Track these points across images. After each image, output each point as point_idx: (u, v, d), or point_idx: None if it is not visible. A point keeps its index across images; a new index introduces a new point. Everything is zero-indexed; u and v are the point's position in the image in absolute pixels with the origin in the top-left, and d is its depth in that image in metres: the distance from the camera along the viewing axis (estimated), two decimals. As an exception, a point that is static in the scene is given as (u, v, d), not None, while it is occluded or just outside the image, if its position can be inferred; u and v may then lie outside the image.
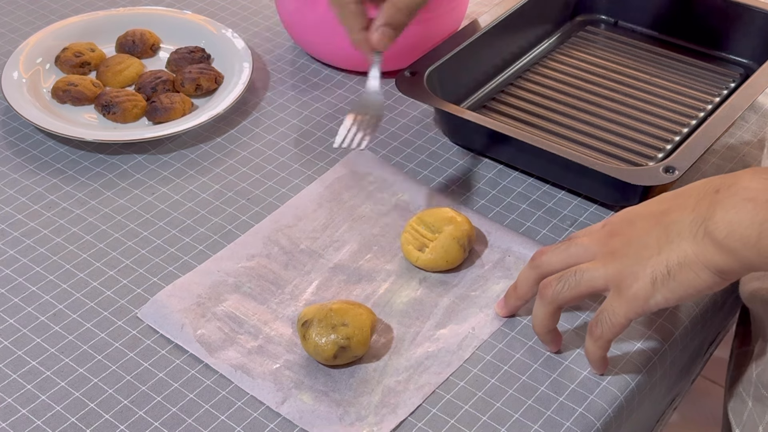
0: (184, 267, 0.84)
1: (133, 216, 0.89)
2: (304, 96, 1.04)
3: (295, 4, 1.04)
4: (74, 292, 0.82)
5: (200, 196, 0.92)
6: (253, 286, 0.82)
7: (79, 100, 1.00)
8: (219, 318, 0.79)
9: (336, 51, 1.05)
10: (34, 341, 0.78)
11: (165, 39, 1.09)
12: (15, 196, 0.91)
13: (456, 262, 0.83)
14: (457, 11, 1.06)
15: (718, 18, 1.08)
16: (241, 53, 1.05)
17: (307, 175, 0.94)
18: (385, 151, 0.96)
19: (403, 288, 0.82)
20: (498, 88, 1.04)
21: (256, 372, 0.75)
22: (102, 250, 0.86)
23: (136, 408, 0.73)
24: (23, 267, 0.84)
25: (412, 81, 0.95)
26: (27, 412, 0.73)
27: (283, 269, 0.84)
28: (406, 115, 1.01)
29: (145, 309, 0.80)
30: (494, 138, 0.92)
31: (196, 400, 0.74)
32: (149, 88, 1.01)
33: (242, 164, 0.95)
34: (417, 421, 0.72)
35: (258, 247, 0.85)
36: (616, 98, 1.02)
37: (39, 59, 1.05)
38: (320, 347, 0.74)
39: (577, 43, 1.11)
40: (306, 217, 0.88)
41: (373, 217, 0.88)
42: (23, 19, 1.15)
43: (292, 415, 0.72)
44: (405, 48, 1.03)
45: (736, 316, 0.89)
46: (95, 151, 0.96)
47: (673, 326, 0.79)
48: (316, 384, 0.74)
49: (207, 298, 0.81)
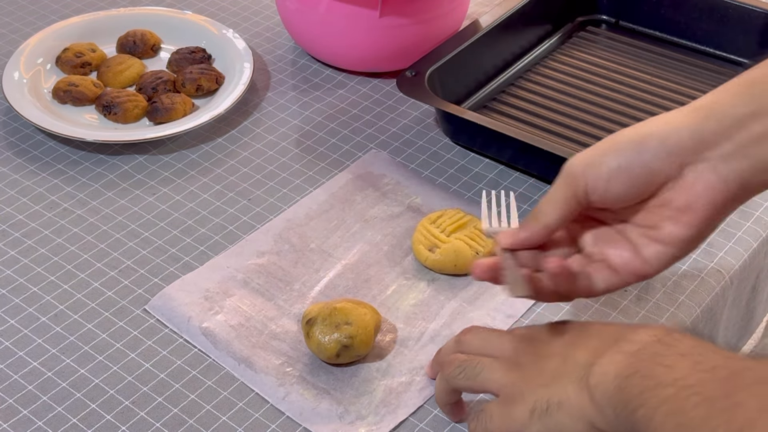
0: (185, 267, 0.84)
1: (134, 216, 0.89)
2: (305, 96, 1.04)
3: (295, 4, 1.04)
4: (75, 293, 0.82)
5: (201, 196, 0.92)
6: (262, 282, 0.82)
7: (80, 101, 1.00)
8: (225, 312, 0.79)
9: (337, 51, 1.05)
10: (35, 342, 0.78)
11: (166, 39, 1.09)
12: (16, 197, 0.91)
13: (465, 268, 0.82)
14: (458, 12, 1.06)
15: (719, 18, 1.08)
16: (241, 53, 1.05)
17: (308, 175, 0.94)
18: (386, 151, 0.96)
19: (411, 289, 0.82)
20: (499, 88, 1.04)
21: (259, 366, 0.75)
22: (103, 251, 0.86)
23: (138, 409, 0.73)
24: (24, 268, 0.84)
25: (414, 81, 0.95)
26: (28, 412, 0.73)
27: (293, 267, 0.84)
28: (408, 116, 1.01)
29: (153, 302, 0.81)
30: (495, 138, 0.92)
31: (198, 400, 0.74)
32: (150, 88, 1.01)
33: (243, 165, 0.95)
34: (418, 422, 0.72)
35: (269, 244, 0.86)
36: (617, 98, 1.02)
37: (40, 59, 1.05)
38: (323, 345, 0.74)
39: (578, 43, 1.11)
40: (318, 217, 0.88)
41: (385, 219, 0.88)
42: (24, 20, 1.15)
43: (293, 411, 0.72)
44: (406, 48, 1.03)
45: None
46: (96, 152, 0.96)
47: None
48: (318, 382, 0.74)
49: (215, 292, 0.81)
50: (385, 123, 1.00)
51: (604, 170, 0.64)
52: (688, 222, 0.64)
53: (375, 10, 1.00)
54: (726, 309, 0.86)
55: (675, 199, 0.64)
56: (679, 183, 0.63)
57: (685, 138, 0.63)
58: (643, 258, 0.66)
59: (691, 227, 0.64)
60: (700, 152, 0.63)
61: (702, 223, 0.64)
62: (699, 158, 0.63)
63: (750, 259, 0.87)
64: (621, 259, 0.66)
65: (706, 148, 0.63)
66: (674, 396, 0.54)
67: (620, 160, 0.64)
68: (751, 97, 0.63)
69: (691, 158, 0.63)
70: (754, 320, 0.95)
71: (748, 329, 0.95)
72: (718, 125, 0.63)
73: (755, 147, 0.62)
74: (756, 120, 0.62)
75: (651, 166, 0.64)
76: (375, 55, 1.04)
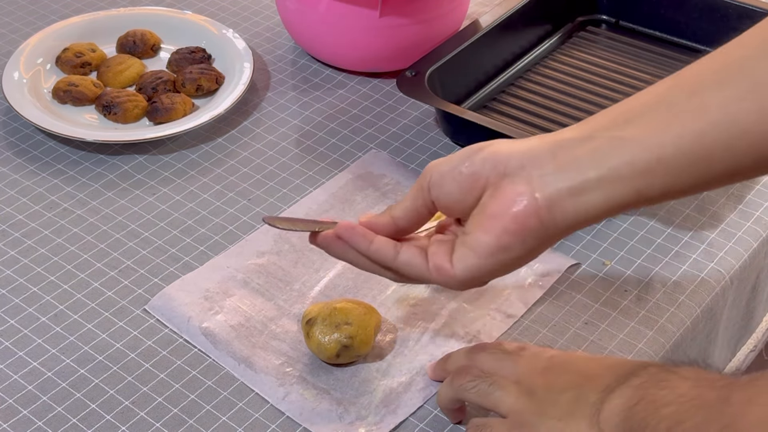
0: (185, 267, 0.84)
1: (134, 216, 0.89)
2: (305, 96, 1.04)
3: (295, 4, 1.04)
4: (75, 293, 0.82)
5: (201, 196, 0.92)
6: (262, 282, 0.82)
7: (80, 101, 1.00)
8: (225, 312, 0.79)
9: (337, 51, 1.05)
10: (35, 342, 0.78)
11: (166, 39, 1.09)
12: (16, 197, 0.91)
13: None
14: (458, 11, 1.06)
15: (719, 18, 1.08)
16: (241, 53, 1.05)
17: (308, 175, 0.94)
18: (386, 151, 0.96)
19: (411, 289, 0.82)
20: (499, 88, 1.04)
21: (259, 366, 0.75)
22: (103, 251, 0.86)
23: (138, 409, 0.73)
24: (24, 268, 0.84)
25: (414, 81, 0.95)
26: (28, 413, 0.73)
27: (293, 267, 0.84)
28: (408, 116, 1.01)
29: (153, 302, 0.81)
30: (495, 138, 0.92)
31: (198, 401, 0.74)
32: (150, 88, 1.01)
33: (243, 165, 0.95)
34: (418, 422, 0.72)
35: (269, 244, 0.86)
36: (617, 98, 1.02)
37: (40, 59, 1.05)
38: (323, 345, 0.74)
39: (578, 43, 1.11)
40: (318, 217, 0.88)
41: None
42: (24, 20, 1.15)
43: (293, 411, 0.72)
44: (406, 48, 1.03)
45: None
46: (96, 152, 0.96)
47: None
48: (318, 382, 0.74)
49: (215, 292, 0.81)
50: (385, 123, 1.00)
51: (442, 168, 0.66)
52: (490, 228, 0.64)
53: (375, 10, 1.00)
54: (726, 309, 0.86)
55: (488, 206, 0.64)
56: (497, 191, 0.64)
57: (516, 154, 0.64)
58: (451, 259, 0.66)
59: (490, 234, 0.64)
60: (524, 167, 0.64)
61: (502, 233, 0.63)
62: (521, 172, 0.64)
63: (750, 259, 0.87)
64: (436, 255, 0.67)
65: (532, 166, 0.64)
66: (675, 412, 0.55)
67: (455, 161, 0.66)
68: (586, 123, 0.65)
69: (513, 171, 0.64)
70: (754, 320, 0.95)
71: (748, 329, 0.95)
72: (549, 146, 0.64)
73: (572, 169, 0.62)
74: (583, 143, 0.63)
75: (475, 170, 0.65)
76: (375, 55, 1.04)
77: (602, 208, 0.62)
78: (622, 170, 0.61)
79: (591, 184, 0.62)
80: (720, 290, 0.83)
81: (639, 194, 0.62)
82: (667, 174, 0.61)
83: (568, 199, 0.62)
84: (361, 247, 0.68)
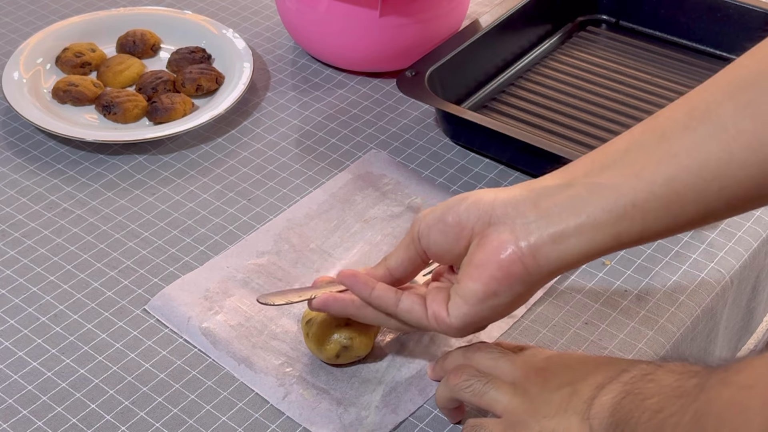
0: (185, 267, 0.84)
1: (134, 216, 0.89)
2: (305, 96, 1.04)
3: (295, 4, 1.04)
4: (75, 293, 0.82)
5: (201, 196, 0.92)
6: (262, 282, 0.82)
7: (80, 101, 1.00)
8: (225, 312, 0.79)
9: (336, 51, 1.05)
10: (35, 342, 0.78)
11: (165, 39, 1.09)
12: (15, 197, 0.91)
13: None
14: (458, 12, 1.06)
15: (719, 18, 1.08)
16: (241, 53, 1.05)
17: (308, 175, 0.94)
18: (386, 151, 0.96)
19: None
20: (499, 88, 1.04)
21: (259, 366, 0.75)
22: (103, 251, 0.86)
23: (137, 409, 0.73)
24: (24, 268, 0.84)
25: (414, 81, 0.95)
26: (28, 413, 0.73)
27: (293, 267, 0.84)
28: (408, 116, 1.01)
29: (153, 302, 0.80)
30: (495, 138, 0.92)
31: (198, 401, 0.74)
32: (150, 88, 1.01)
33: (243, 165, 0.95)
34: (418, 422, 0.72)
35: (269, 245, 0.86)
36: (617, 98, 1.02)
37: (39, 59, 1.05)
38: (323, 346, 0.74)
39: (578, 43, 1.11)
40: (318, 217, 0.88)
41: (385, 219, 0.88)
42: (23, 20, 1.15)
43: (293, 411, 0.72)
44: (406, 48, 1.03)
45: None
46: (96, 152, 0.96)
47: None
48: (317, 382, 0.74)
49: (215, 292, 0.81)
50: (385, 123, 1.00)
51: (429, 219, 0.68)
52: (478, 277, 0.65)
53: (375, 10, 1.00)
54: (726, 309, 0.86)
55: (475, 255, 0.66)
56: (483, 240, 0.66)
57: (499, 203, 0.66)
58: (447, 307, 0.68)
59: (478, 282, 0.65)
60: (508, 215, 0.65)
61: (490, 280, 0.65)
62: (505, 221, 0.65)
63: (750, 259, 0.87)
64: (434, 302, 0.68)
65: (515, 214, 0.65)
66: (656, 402, 0.56)
67: (440, 212, 0.67)
68: (566, 169, 0.66)
69: (498, 219, 0.65)
70: (754, 320, 0.95)
71: (748, 329, 0.95)
72: (531, 194, 0.65)
73: (553, 217, 0.63)
74: (562, 190, 0.64)
75: (460, 220, 0.66)
76: (375, 55, 1.04)
77: (583, 253, 0.64)
78: (600, 217, 0.63)
79: (571, 231, 0.63)
80: (720, 290, 0.83)
81: (617, 239, 0.63)
82: (644, 218, 0.62)
83: (551, 245, 0.64)
84: (363, 293, 0.70)
